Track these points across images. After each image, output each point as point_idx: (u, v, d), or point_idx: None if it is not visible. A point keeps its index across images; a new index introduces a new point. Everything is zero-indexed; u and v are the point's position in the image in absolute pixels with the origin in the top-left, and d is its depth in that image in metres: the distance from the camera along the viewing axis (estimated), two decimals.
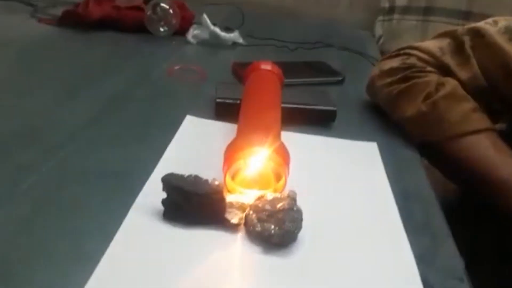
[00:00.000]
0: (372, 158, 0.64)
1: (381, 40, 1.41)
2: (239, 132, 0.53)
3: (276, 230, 0.44)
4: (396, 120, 0.72)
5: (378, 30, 1.42)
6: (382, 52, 1.27)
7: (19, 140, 0.58)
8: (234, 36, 1.08)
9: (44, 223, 0.44)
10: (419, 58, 0.73)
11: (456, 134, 0.66)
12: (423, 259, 0.46)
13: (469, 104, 0.67)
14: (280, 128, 0.56)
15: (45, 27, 1.07)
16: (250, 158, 0.49)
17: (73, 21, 1.06)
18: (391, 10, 1.41)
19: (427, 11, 1.38)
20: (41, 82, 0.77)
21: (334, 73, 0.95)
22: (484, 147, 0.65)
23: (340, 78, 0.93)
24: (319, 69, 0.96)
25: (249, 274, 0.42)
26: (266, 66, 0.67)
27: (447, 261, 0.47)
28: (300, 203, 0.46)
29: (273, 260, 0.43)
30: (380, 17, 1.43)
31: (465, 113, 0.66)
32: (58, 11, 1.09)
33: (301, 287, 0.41)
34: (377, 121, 0.76)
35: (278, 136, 0.53)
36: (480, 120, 0.67)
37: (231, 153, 0.49)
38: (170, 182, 0.46)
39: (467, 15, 1.38)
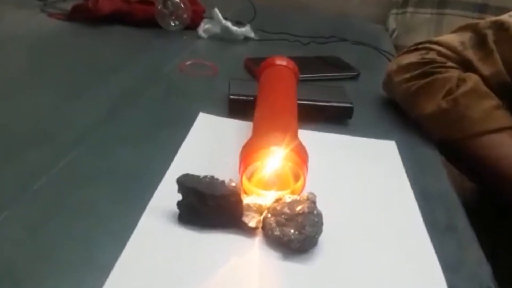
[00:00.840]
0: (391, 157, 0.62)
1: (395, 34, 1.38)
2: (255, 132, 0.52)
3: (296, 234, 0.42)
4: (415, 117, 0.70)
5: (392, 23, 1.39)
6: (396, 46, 1.25)
7: (28, 139, 0.57)
8: (246, 30, 1.06)
9: (54, 226, 0.43)
10: (439, 53, 0.70)
11: (478, 132, 0.64)
12: (449, 266, 0.44)
13: (492, 101, 0.65)
14: (297, 126, 0.54)
15: (55, 22, 1.05)
16: (267, 159, 0.47)
17: (83, 15, 1.04)
18: (405, 3, 1.38)
19: (442, 4, 1.35)
20: (51, 79, 0.76)
21: (348, 68, 0.92)
22: (507, 146, 0.63)
23: (355, 73, 0.90)
24: (333, 64, 0.94)
25: (268, 280, 0.41)
26: (281, 61, 0.65)
27: (473, 267, 0.45)
28: (319, 204, 0.44)
29: (293, 266, 0.41)
30: (394, 10, 1.40)
31: (488, 110, 0.64)
32: (68, 6, 1.08)
33: None
34: (394, 118, 0.74)
35: (295, 135, 0.51)
36: (504, 117, 0.64)
37: (247, 154, 0.48)
38: (186, 184, 0.44)
39: (483, 8, 1.34)
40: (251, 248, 0.43)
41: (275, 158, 0.47)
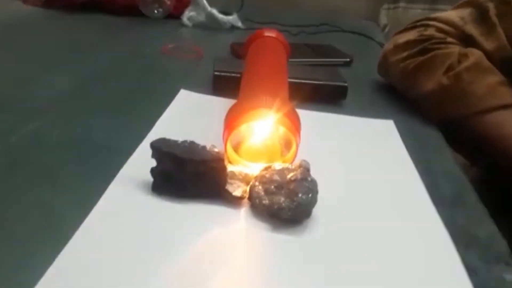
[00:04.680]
0: (390, 135, 0.57)
1: (386, 29, 1.34)
2: (242, 95, 0.46)
3: (287, 202, 0.37)
4: (413, 97, 0.65)
5: (383, 18, 1.36)
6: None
7: None
8: (233, 19, 1.02)
9: (9, 194, 0.37)
10: (439, 29, 0.66)
11: (482, 109, 0.59)
12: (460, 242, 0.38)
13: (495, 76, 0.60)
14: (288, 95, 0.49)
15: (30, 9, 1.00)
16: (255, 123, 0.42)
17: (60, 2, 0.99)
18: None
19: None
20: (20, 57, 0.70)
21: (341, 54, 0.88)
22: None
23: (348, 60, 0.86)
24: (326, 50, 0.90)
25: (256, 254, 0.35)
26: (271, 33, 0.60)
27: (488, 242, 0.40)
28: (313, 177, 0.39)
29: (284, 238, 0.36)
30: (385, 6, 1.37)
31: (492, 86, 0.60)
32: None
33: (317, 268, 0.33)
34: (390, 101, 0.69)
35: (286, 100, 0.46)
36: (508, 94, 0.60)
37: (232, 117, 0.42)
38: (161, 148, 0.38)
39: None
40: (236, 220, 0.37)
41: (264, 122, 0.42)
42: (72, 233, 0.33)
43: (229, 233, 0.36)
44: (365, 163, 0.49)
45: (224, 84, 0.62)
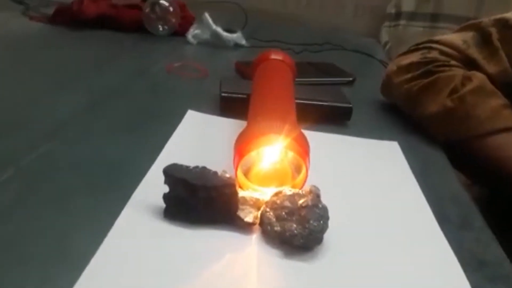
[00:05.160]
0: (395, 157, 0.58)
1: (387, 46, 1.36)
2: (251, 120, 0.47)
3: (299, 229, 0.37)
4: (417, 118, 0.66)
5: (384, 36, 1.38)
6: (389, 59, 1.22)
7: (1, 129, 0.51)
8: (237, 37, 1.02)
9: (23, 217, 0.37)
10: (442, 52, 0.67)
11: (486, 131, 0.60)
12: (468, 265, 0.39)
13: (499, 99, 0.61)
14: (296, 118, 0.50)
15: (37, 25, 1.01)
16: (265, 148, 0.43)
17: (66, 19, 1.00)
18: (398, 15, 1.36)
19: (435, 17, 1.34)
20: (29, 75, 0.71)
21: (344, 73, 0.89)
22: None
23: (350, 79, 0.87)
24: (329, 69, 0.91)
25: (268, 280, 0.35)
26: (277, 56, 0.61)
27: (496, 267, 0.40)
28: (323, 201, 0.39)
29: (295, 265, 0.36)
30: (386, 23, 1.38)
31: (495, 109, 0.60)
32: (50, 10, 1.03)
33: None
34: (394, 121, 0.70)
35: (295, 124, 0.46)
36: (511, 117, 0.60)
37: (243, 142, 0.43)
38: (173, 174, 0.39)
39: None
40: (248, 246, 0.38)
41: (274, 147, 0.42)
42: (86, 258, 0.33)
43: (241, 259, 0.37)
44: (372, 186, 0.50)
45: (231, 105, 0.62)
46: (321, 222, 0.38)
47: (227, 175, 0.39)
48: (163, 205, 0.40)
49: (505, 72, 0.63)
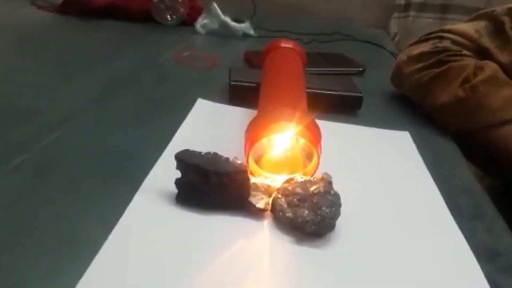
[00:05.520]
0: (407, 147, 0.57)
1: (397, 38, 1.35)
2: (262, 108, 0.47)
3: (311, 216, 0.37)
4: (428, 108, 0.66)
5: (393, 27, 1.36)
6: (399, 51, 1.21)
7: (10, 118, 0.51)
8: (245, 27, 1.02)
9: (34, 205, 0.37)
10: (453, 41, 0.66)
11: (498, 121, 0.59)
12: (481, 255, 0.38)
13: (511, 89, 0.61)
14: (306, 105, 0.49)
15: (45, 15, 1.01)
16: (276, 135, 0.42)
17: (74, 8, 1.00)
18: (407, 6, 1.35)
19: (444, 8, 1.33)
20: (39, 64, 0.71)
21: (354, 63, 0.88)
22: None
23: (360, 69, 0.86)
24: (339, 60, 0.90)
25: (279, 266, 0.35)
26: (287, 44, 0.60)
27: (508, 256, 0.40)
28: (335, 188, 0.39)
29: (307, 251, 0.36)
30: (396, 14, 1.37)
31: (508, 98, 0.60)
32: (59, 0, 1.03)
33: (341, 282, 0.34)
34: (405, 111, 0.70)
35: (306, 112, 0.46)
36: None
37: (254, 129, 0.42)
38: (186, 159, 0.39)
39: None
40: (260, 232, 0.38)
41: (285, 134, 0.42)
42: (97, 244, 0.34)
43: (253, 245, 0.37)
44: (384, 175, 0.49)
45: (240, 94, 0.62)
46: (333, 208, 0.37)
47: (239, 161, 0.39)
48: (175, 190, 0.40)
49: None
